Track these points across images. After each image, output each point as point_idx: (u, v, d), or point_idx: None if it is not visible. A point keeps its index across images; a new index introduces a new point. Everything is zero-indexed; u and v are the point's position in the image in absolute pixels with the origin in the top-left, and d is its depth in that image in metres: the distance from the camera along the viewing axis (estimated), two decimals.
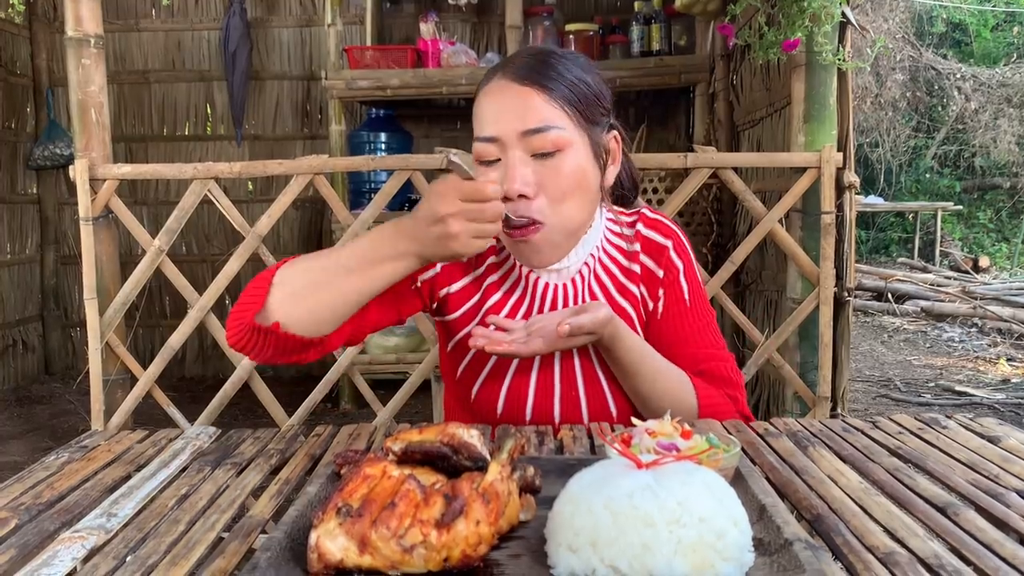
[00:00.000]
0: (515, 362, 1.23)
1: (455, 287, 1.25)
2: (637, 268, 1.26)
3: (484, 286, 1.26)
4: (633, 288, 1.26)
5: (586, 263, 1.25)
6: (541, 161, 1.12)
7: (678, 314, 1.26)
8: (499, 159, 1.14)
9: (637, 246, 1.27)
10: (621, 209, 1.32)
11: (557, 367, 1.23)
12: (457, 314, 1.26)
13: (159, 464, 1.06)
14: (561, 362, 1.23)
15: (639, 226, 1.28)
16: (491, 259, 1.26)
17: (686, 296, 1.27)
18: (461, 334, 1.26)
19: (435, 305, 1.27)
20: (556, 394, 1.22)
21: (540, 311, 1.24)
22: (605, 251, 1.26)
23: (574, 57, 1.19)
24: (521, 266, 1.24)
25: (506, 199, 1.10)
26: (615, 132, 1.22)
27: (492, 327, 1.16)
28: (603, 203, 1.27)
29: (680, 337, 1.26)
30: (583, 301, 1.25)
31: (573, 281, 1.24)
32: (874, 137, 9.83)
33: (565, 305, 1.24)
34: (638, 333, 1.25)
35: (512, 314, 1.24)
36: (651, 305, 1.27)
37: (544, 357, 1.22)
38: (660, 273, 1.26)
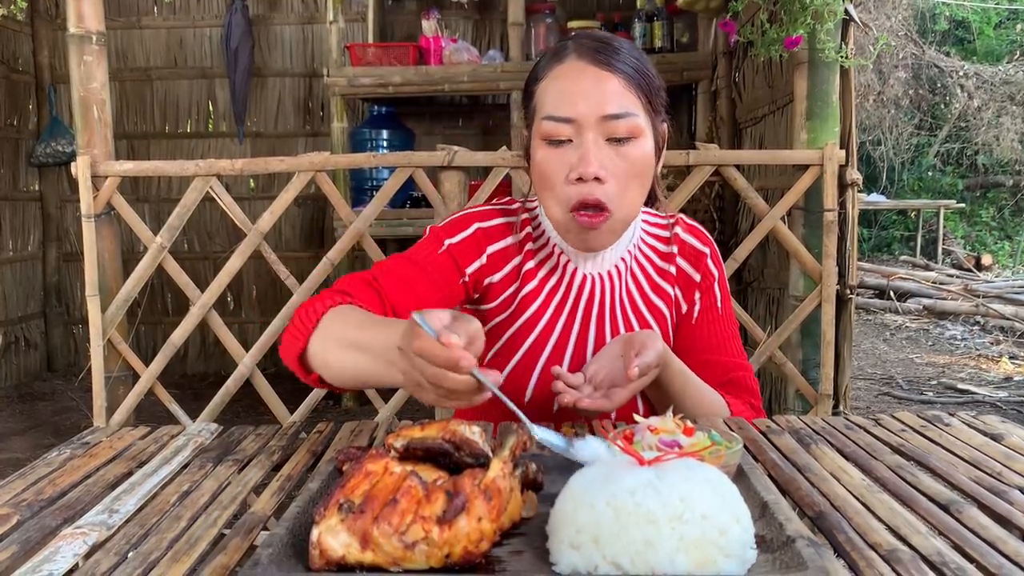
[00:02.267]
0: (546, 353, 1.23)
1: (498, 276, 1.25)
2: (672, 269, 1.28)
3: (522, 273, 1.25)
4: (668, 288, 1.28)
5: (623, 258, 1.26)
6: (614, 147, 1.12)
7: (712, 321, 1.29)
8: (570, 140, 1.13)
9: (674, 248, 1.29)
10: (653, 211, 1.33)
11: (589, 359, 1.22)
12: (495, 303, 1.25)
13: (161, 461, 1.06)
14: (593, 355, 1.23)
15: (677, 230, 1.30)
16: (528, 245, 1.26)
17: (719, 304, 1.30)
18: (495, 321, 1.25)
19: (476, 295, 1.26)
20: None
21: (577, 301, 1.25)
22: (641, 250, 1.28)
23: (635, 47, 1.20)
24: (560, 254, 1.25)
25: (579, 180, 1.11)
26: (666, 124, 1.23)
27: (557, 380, 1.11)
28: None
29: (712, 344, 1.28)
30: (621, 294, 1.26)
31: (609, 273, 1.26)
32: (876, 135, 9.81)
33: (603, 296, 1.25)
34: (670, 332, 1.28)
35: (547, 301, 1.24)
36: (684, 307, 1.29)
37: (577, 350, 1.24)
38: (697, 277, 1.28)
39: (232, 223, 2.46)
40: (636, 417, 0.90)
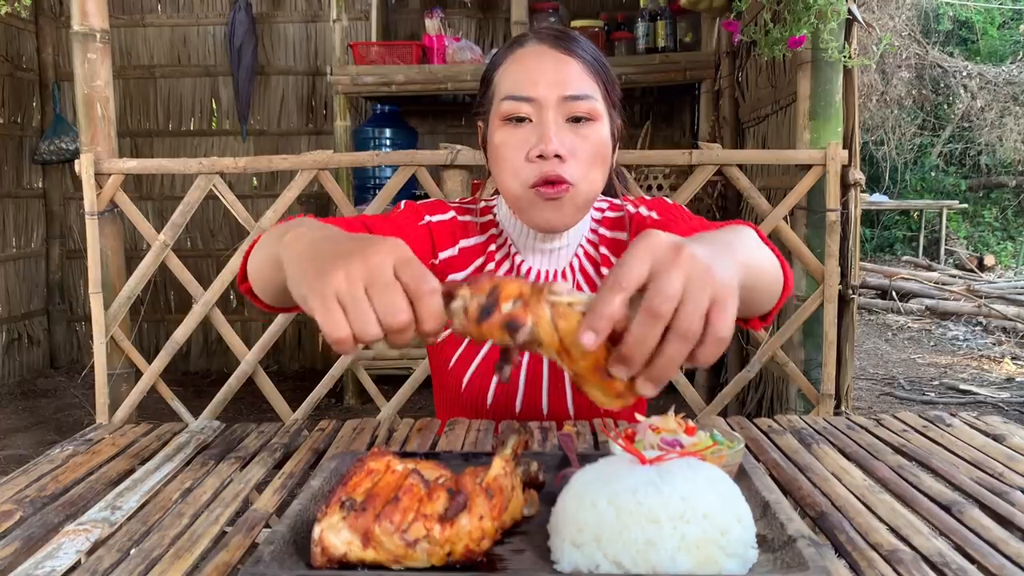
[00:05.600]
0: None
1: (461, 275, 1.24)
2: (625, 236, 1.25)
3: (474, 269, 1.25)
4: None
5: (576, 254, 1.25)
6: (574, 127, 1.14)
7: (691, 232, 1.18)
8: (530, 120, 1.14)
9: (626, 235, 1.25)
10: (610, 199, 1.32)
11: (546, 359, 1.21)
12: None
13: (163, 458, 1.06)
14: None
15: (641, 208, 1.26)
16: (491, 247, 1.26)
17: (689, 222, 1.23)
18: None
19: None
20: (544, 385, 1.23)
21: None
22: (591, 241, 1.27)
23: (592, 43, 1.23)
24: (516, 255, 1.24)
25: (541, 157, 1.12)
26: (620, 121, 1.24)
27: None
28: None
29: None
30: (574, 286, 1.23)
31: (564, 272, 1.24)
32: (879, 135, 9.79)
33: None
34: None
35: None
36: None
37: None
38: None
39: (235, 221, 2.47)
40: (638, 416, 0.90)
